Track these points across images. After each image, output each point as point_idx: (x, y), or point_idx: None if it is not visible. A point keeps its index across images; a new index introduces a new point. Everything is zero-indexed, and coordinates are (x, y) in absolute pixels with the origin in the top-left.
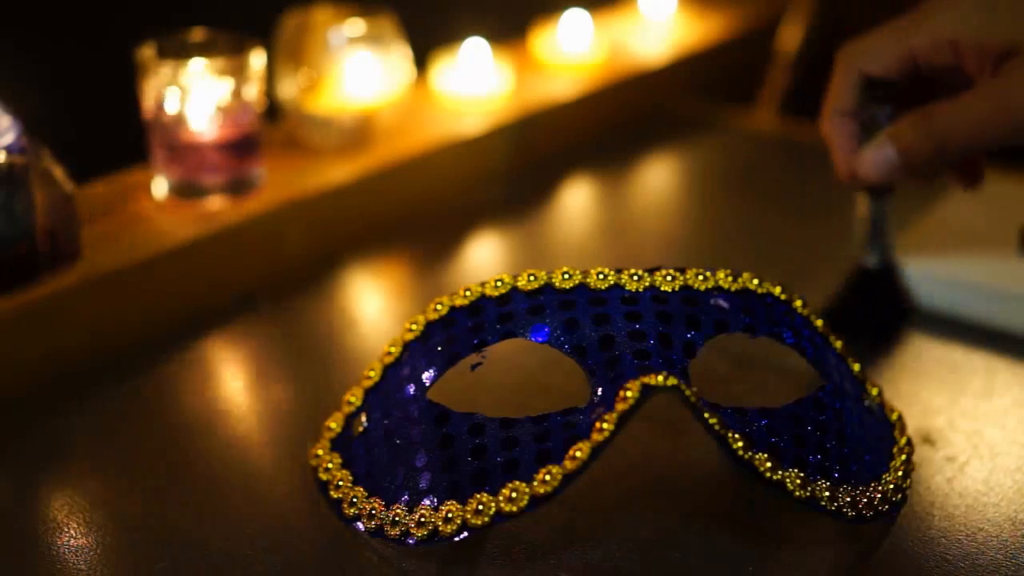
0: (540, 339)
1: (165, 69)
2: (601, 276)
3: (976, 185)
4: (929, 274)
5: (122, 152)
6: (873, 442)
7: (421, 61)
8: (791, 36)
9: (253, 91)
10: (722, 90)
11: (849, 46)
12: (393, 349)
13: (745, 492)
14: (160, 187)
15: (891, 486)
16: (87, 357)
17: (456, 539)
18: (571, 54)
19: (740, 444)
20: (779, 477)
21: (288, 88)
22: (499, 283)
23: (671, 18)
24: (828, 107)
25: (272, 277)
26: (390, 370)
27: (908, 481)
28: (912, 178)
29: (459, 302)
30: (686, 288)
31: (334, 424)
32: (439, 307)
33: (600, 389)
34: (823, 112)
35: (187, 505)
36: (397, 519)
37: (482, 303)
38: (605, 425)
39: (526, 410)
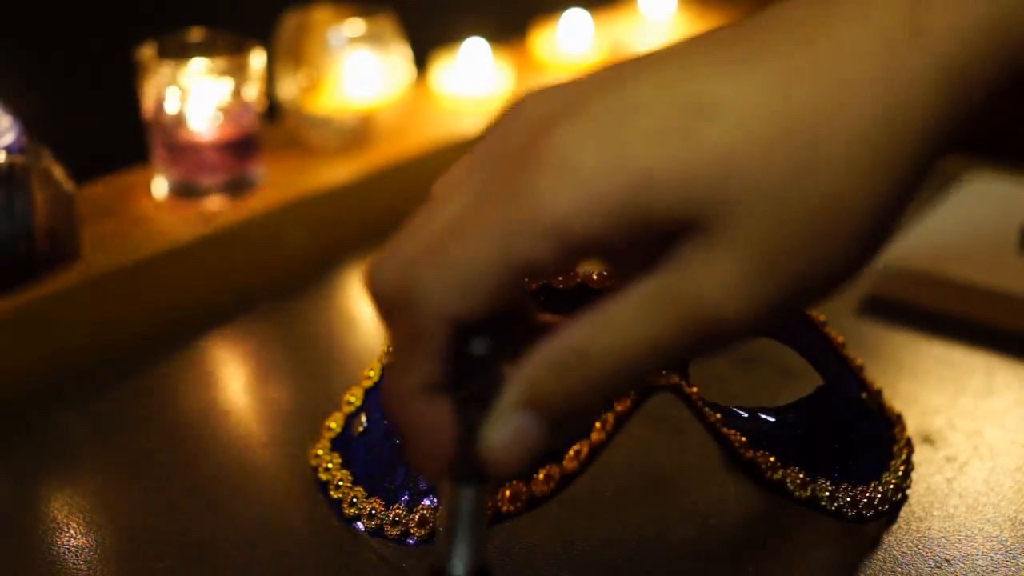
0: None
1: (165, 69)
2: (601, 276)
3: None
4: (928, 274)
5: (122, 152)
6: (873, 442)
7: (421, 61)
8: None
9: (253, 91)
10: None
11: (420, 282)
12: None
13: (745, 492)
14: (160, 187)
15: (891, 486)
16: (87, 357)
17: None
18: (571, 54)
19: (740, 444)
20: (779, 477)
21: (288, 88)
22: None
23: (671, 18)
24: (404, 383)
25: (272, 277)
26: None
27: (908, 481)
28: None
29: None
30: None
31: (334, 424)
32: None
33: None
34: (395, 391)
35: (187, 505)
36: (397, 519)
37: None
38: (605, 425)
39: None
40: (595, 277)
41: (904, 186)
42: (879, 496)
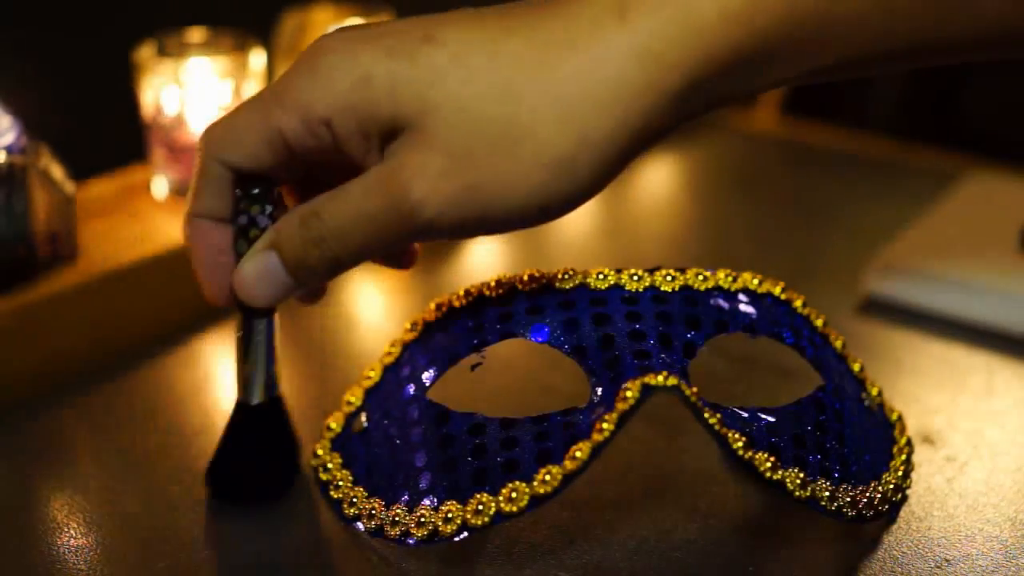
0: (540, 339)
1: (165, 69)
2: (601, 276)
3: (410, 265)
4: (928, 274)
5: (122, 152)
6: (873, 442)
7: None
8: None
9: (253, 91)
10: None
11: (207, 131)
12: (393, 349)
13: (745, 492)
14: (160, 187)
15: (891, 486)
16: (87, 357)
17: (456, 539)
18: None
19: (740, 444)
20: (779, 477)
21: None
22: (499, 283)
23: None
24: (188, 210)
25: None
26: (390, 370)
27: (908, 481)
28: (306, 291)
29: (459, 302)
30: (686, 288)
31: (334, 424)
32: (439, 307)
33: (600, 389)
34: (184, 216)
35: (187, 505)
36: (397, 519)
37: (482, 303)
38: (605, 425)
39: (526, 410)
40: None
41: (588, 143)
42: (879, 496)
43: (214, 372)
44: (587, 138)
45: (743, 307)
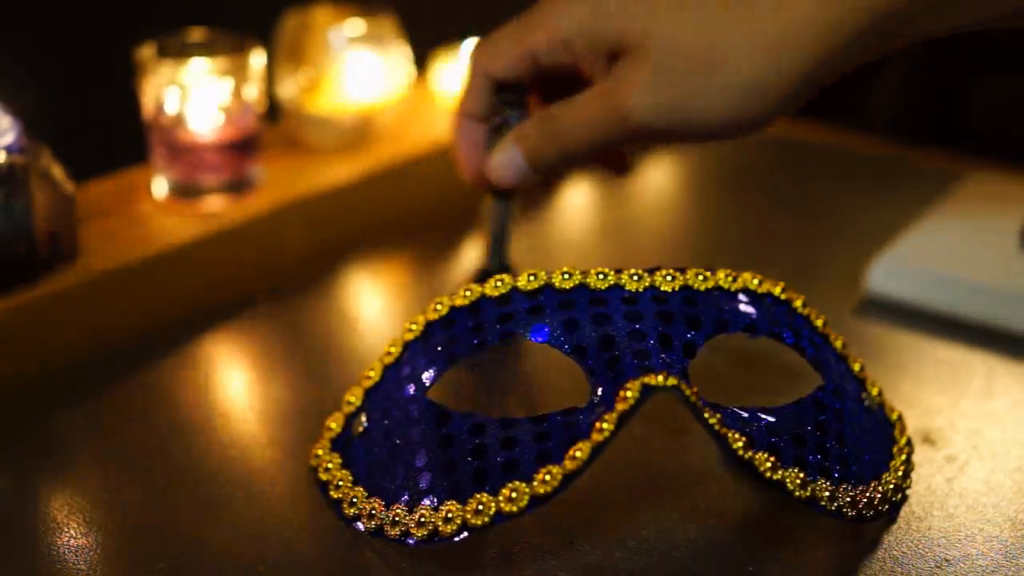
0: (540, 339)
1: (165, 69)
2: (601, 276)
3: (623, 175)
4: (929, 273)
5: (122, 152)
6: (873, 442)
7: (421, 61)
8: None
9: (253, 91)
10: None
11: (476, 48)
12: (393, 349)
13: (745, 492)
14: (160, 187)
15: (891, 486)
16: (87, 357)
17: (456, 539)
18: None
19: (740, 444)
20: (779, 477)
21: (288, 88)
22: (499, 283)
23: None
24: (457, 109)
25: (272, 277)
26: (390, 370)
27: (908, 481)
28: (541, 179)
29: (459, 302)
30: (686, 288)
31: (334, 424)
32: (439, 307)
33: (600, 389)
34: (453, 113)
35: (187, 505)
36: (397, 519)
37: (482, 303)
38: (605, 425)
39: (526, 410)
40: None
41: (778, 73)
42: (879, 496)
43: (214, 372)
44: (778, 69)
45: (743, 307)
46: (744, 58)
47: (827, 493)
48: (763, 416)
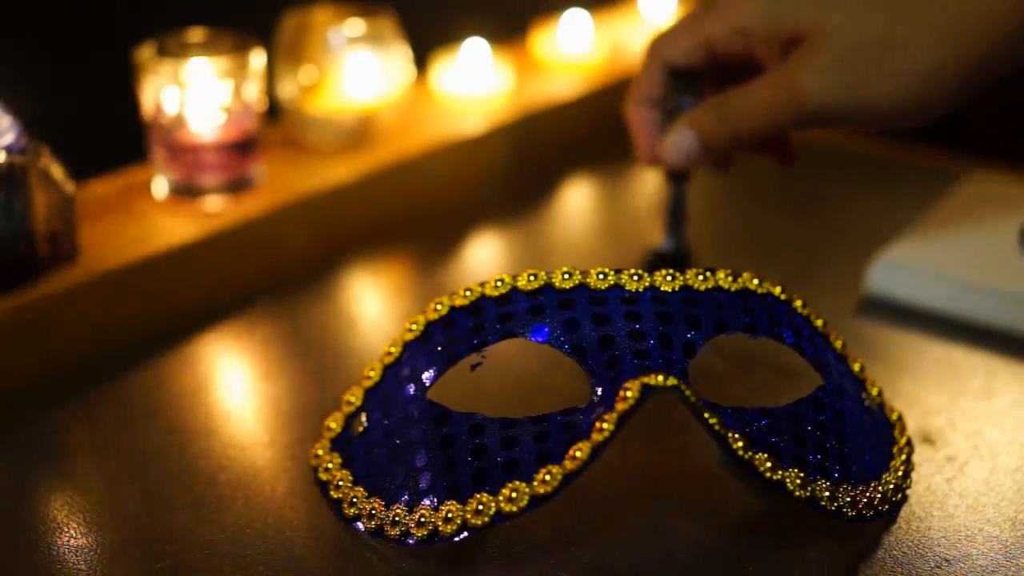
0: (540, 339)
1: (165, 69)
2: (601, 276)
3: (788, 163)
4: (929, 273)
5: (122, 152)
6: (873, 442)
7: (421, 61)
8: None
9: (253, 91)
10: (722, 90)
11: (654, 36)
12: (393, 349)
13: (745, 492)
14: (160, 187)
15: (891, 486)
16: (87, 357)
17: (456, 539)
18: (571, 54)
19: (740, 444)
20: (779, 477)
21: (288, 88)
22: (499, 283)
23: (671, 18)
24: (633, 94)
25: (272, 277)
26: (390, 370)
27: (908, 481)
28: (712, 162)
29: (459, 302)
30: (686, 288)
31: (334, 424)
32: (439, 307)
33: (600, 389)
34: (628, 98)
35: (187, 505)
36: (397, 519)
37: (482, 303)
38: (605, 425)
39: (526, 410)
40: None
41: (958, 60)
42: (879, 496)
43: (214, 372)
44: (956, 56)
45: (743, 307)
46: (922, 45)
47: (827, 493)
48: (763, 416)
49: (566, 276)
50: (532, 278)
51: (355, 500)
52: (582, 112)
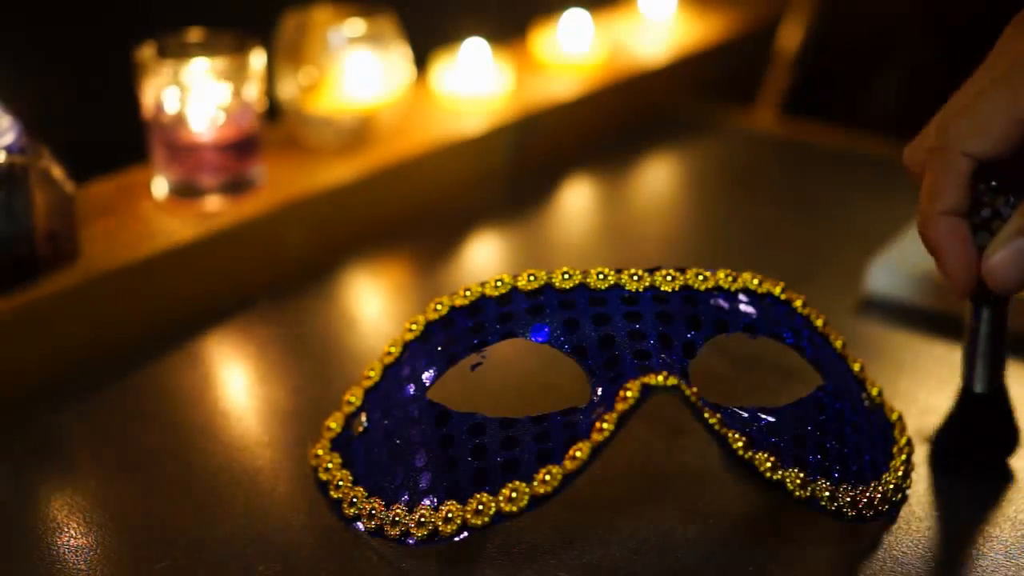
0: (540, 339)
1: (165, 69)
2: (601, 276)
3: None
4: (928, 273)
5: (122, 152)
6: (873, 442)
7: (421, 61)
8: (791, 36)
9: (253, 91)
10: (722, 90)
11: (948, 124)
12: (393, 349)
13: (745, 492)
14: (160, 187)
15: (891, 486)
16: (87, 357)
17: (456, 539)
18: (571, 54)
19: (740, 444)
20: (779, 477)
21: (288, 88)
22: (499, 283)
23: (671, 18)
24: (933, 207)
25: (272, 277)
26: (390, 370)
27: (908, 481)
28: None
29: (459, 302)
30: (686, 288)
31: (334, 424)
32: (439, 307)
33: (600, 389)
34: (926, 214)
35: (187, 505)
36: (397, 519)
37: (482, 303)
38: (605, 425)
39: (526, 410)
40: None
41: None
42: (879, 496)
43: (214, 372)
44: None
45: (743, 307)
46: None
47: (827, 493)
48: (763, 416)
49: (566, 276)
50: (532, 278)
51: (355, 500)
52: (582, 112)
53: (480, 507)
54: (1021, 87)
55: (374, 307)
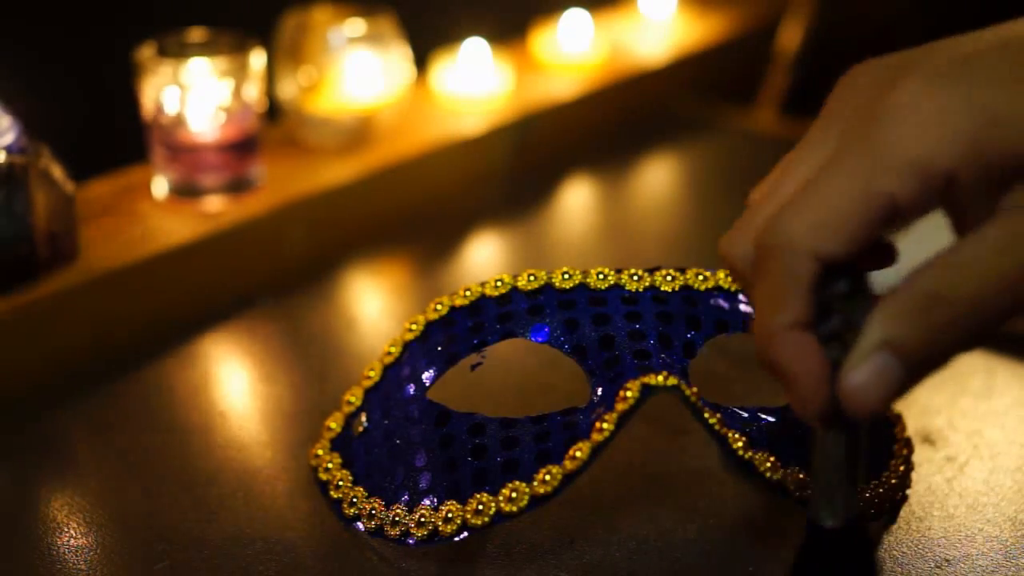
0: (540, 339)
1: (165, 69)
2: (601, 276)
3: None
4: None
5: (122, 152)
6: (873, 442)
7: (421, 61)
8: (791, 36)
9: (253, 91)
10: (722, 90)
11: (785, 224)
12: (393, 349)
13: (745, 492)
14: (160, 187)
15: (891, 486)
16: (87, 357)
17: (456, 539)
18: (571, 54)
19: (740, 444)
20: (779, 477)
21: (288, 88)
22: (499, 283)
23: (671, 18)
24: (774, 323)
25: (272, 277)
26: (390, 370)
27: (908, 481)
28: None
29: (459, 302)
30: (686, 288)
31: (334, 424)
32: (439, 307)
33: (600, 389)
34: (765, 330)
35: (187, 505)
36: (397, 519)
37: (482, 303)
38: (605, 425)
39: (526, 410)
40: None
41: None
42: (879, 496)
43: (214, 372)
44: None
45: (743, 307)
46: None
47: None
48: (763, 416)
49: (566, 276)
50: (532, 278)
51: (355, 500)
52: (582, 112)
53: (480, 507)
54: (880, 151)
55: (374, 307)
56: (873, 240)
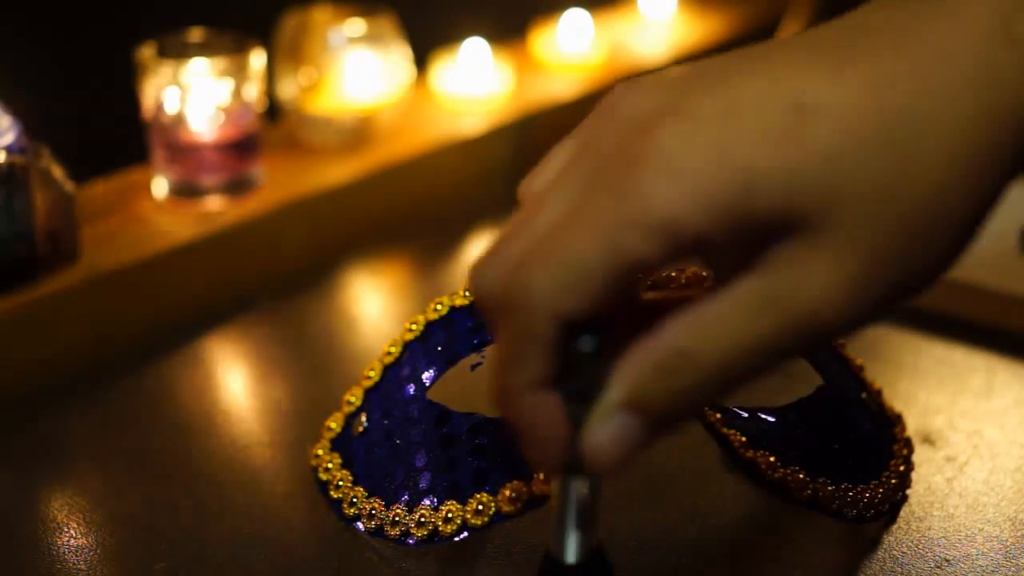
0: None
1: (165, 69)
2: None
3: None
4: None
5: (122, 152)
6: (873, 442)
7: (421, 61)
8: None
9: (253, 91)
10: None
11: (526, 281)
12: (393, 349)
13: (745, 492)
14: (160, 187)
15: (891, 486)
16: (87, 357)
17: (456, 539)
18: (571, 54)
19: (740, 444)
20: (779, 477)
21: (288, 88)
22: None
23: (671, 18)
24: (513, 381)
25: (272, 277)
26: (390, 370)
27: (908, 481)
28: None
29: (459, 302)
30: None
31: (334, 424)
32: (439, 307)
33: None
34: (504, 388)
35: (187, 505)
36: (397, 519)
37: None
38: None
39: None
40: None
41: (996, 187)
42: (879, 496)
43: (214, 372)
44: (989, 190)
45: None
46: (966, 193)
47: (827, 493)
48: (763, 416)
49: None
50: None
51: (355, 500)
52: (582, 112)
53: (480, 507)
54: (629, 205)
55: (374, 307)
56: (622, 295)
